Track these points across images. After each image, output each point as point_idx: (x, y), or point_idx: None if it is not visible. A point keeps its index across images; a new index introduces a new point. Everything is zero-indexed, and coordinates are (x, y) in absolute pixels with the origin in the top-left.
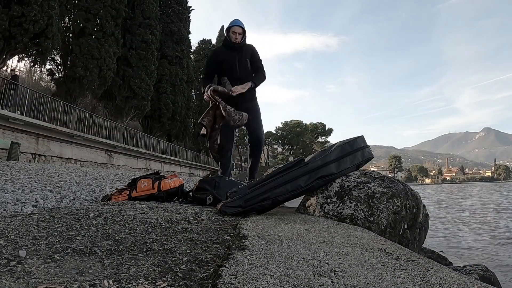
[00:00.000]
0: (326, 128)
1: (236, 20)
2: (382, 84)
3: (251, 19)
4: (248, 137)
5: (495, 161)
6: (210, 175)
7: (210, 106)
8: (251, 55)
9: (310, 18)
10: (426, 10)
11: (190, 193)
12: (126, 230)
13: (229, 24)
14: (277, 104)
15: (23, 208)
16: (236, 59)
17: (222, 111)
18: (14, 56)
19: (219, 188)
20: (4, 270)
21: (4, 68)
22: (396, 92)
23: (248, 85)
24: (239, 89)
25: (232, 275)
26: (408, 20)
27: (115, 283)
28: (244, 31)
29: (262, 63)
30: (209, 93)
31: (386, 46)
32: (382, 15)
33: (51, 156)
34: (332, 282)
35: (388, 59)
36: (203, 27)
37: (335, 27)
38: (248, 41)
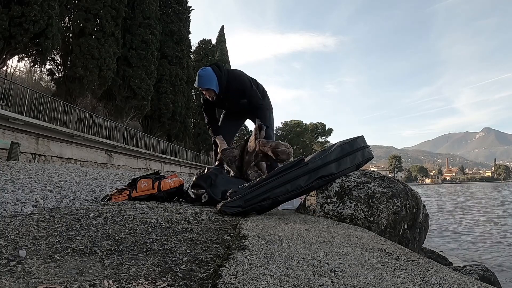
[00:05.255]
0: (326, 128)
1: (199, 77)
2: (381, 84)
3: (248, 19)
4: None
5: (495, 161)
6: (203, 171)
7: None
8: (240, 95)
9: (308, 17)
10: (423, 10)
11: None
12: (126, 230)
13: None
14: (276, 104)
15: (23, 208)
16: (226, 105)
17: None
18: (14, 56)
19: (215, 186)
20: (4, 270)
21: (4, 68)
22: (394, 92)
23: (263, 130)
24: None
25: (232, 275)
26: (405, 20)
27: (115, 283)
28: (211, 90)
29: (254, 91)
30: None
31: (384, 46)
32: (379, 15)
33: (51, 156)
34: (332, 282)
35: (386, 59)
36: (202, 27)
37: (333, 26)
38: (247, 41)
